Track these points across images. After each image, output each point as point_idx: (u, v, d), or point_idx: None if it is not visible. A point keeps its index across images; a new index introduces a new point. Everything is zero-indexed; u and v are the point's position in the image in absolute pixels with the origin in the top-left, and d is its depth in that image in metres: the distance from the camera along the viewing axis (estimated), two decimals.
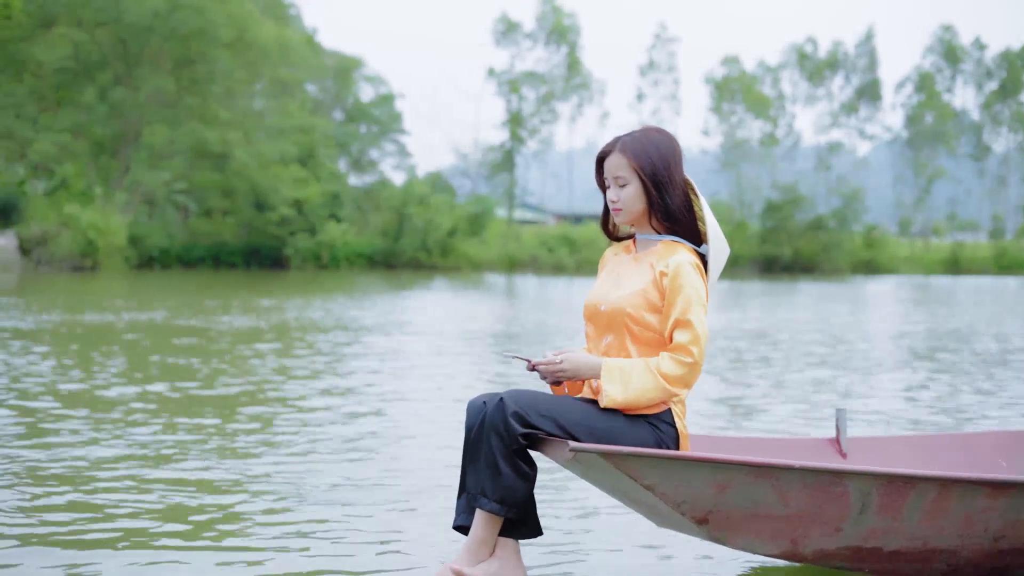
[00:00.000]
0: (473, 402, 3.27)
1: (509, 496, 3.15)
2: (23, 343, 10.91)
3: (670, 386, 3.19)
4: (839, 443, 3.98)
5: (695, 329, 3.20)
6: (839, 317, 18.22)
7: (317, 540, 3.94)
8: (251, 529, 4.07)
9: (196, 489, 4.68)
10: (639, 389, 3.18)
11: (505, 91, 60.74)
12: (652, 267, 3.32)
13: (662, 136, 3.37)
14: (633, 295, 3.29)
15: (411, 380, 8.77)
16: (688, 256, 3.29)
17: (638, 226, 3.43)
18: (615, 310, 3.31)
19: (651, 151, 3.32)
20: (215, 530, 4.04)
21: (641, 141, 3.34)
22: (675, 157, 3.35)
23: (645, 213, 3.37)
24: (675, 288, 3.24)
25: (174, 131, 41.82)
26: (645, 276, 3.32)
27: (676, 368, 3.19)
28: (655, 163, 3.31)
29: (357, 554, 3.77)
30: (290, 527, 4.11)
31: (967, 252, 59.98)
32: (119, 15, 40.49)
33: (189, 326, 13.71)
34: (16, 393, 7.39)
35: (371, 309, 18.29)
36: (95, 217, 36.43)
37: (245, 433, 6.08)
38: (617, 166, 3.35)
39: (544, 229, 57.67)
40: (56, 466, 5.07)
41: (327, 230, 44.71)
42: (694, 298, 3.22)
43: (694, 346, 3.19)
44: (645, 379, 3.19)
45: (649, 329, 3.28)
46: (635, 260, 3.40)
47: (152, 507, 4.35)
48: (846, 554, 3.26)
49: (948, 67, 68.49)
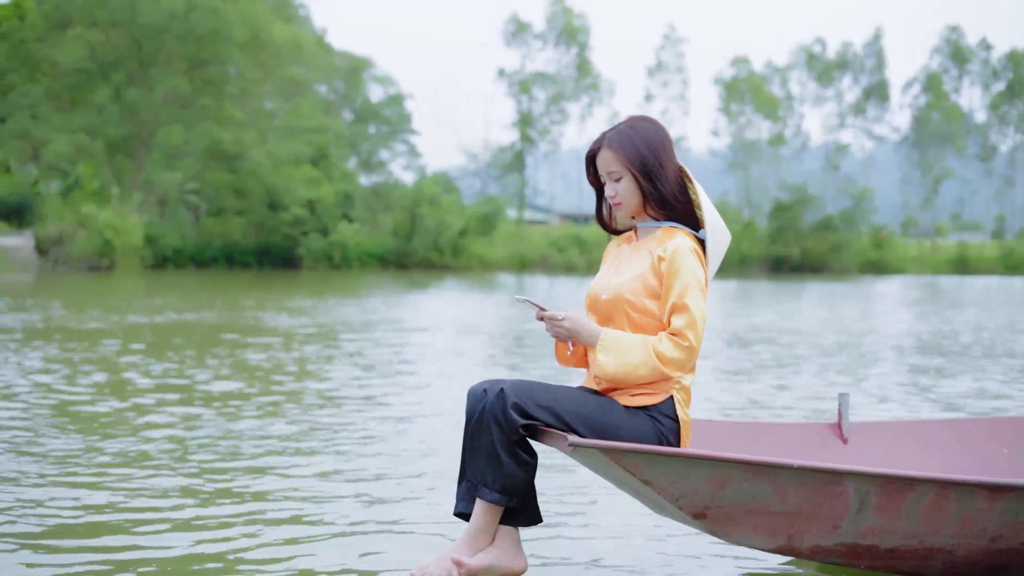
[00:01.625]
0: (474, 389, 3.27)
1: (510, 486, 3.15)
2: (118, 342, 11.04)
3: (664, 367, 3.18)
4: (840, 428, 3.96)
5: (692, 313, 3.19)
6: (851, 316, 18.41)
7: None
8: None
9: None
10: (631, 364, 3.18)
11: (515, 92, 60.94)
12: (651, 253, 3.32)
13: (649, 124, 3.37)
14: (632, 280, 3.30)
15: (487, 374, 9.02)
16: (686, 241, 3.29)
17: (638, 217, 3.43)
18: (615, 297, 3.31)
19: (638, 142, 3.32)
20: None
21: (627, 133, 3.34)
22: (663, 145, 3.34)
23: (642, 204, 3.37)
24: (672, 272, 3.23)
25: (189, 131, 42.04)
26: (644, 262, 3.32)
27: (673, 350, 3.18)
28: (643, 153, 3.31)
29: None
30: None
31: (974, 252, 60.09)
32: (135, 16, 40.69)
33: (259, 326, 13.89)
34: (180, 395, 7.48)
35: (406, 308, 18.51)
36: (112, 217, 36.68)
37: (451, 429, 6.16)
38: (608, 161, 3.35)
39: (553, 229, 57.79)
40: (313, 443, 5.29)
41: (339, 230, 44.93)
42: (691, 282, 3.22)
43: (690, 330, 3.18)
44: (639, 355, 3.18)
45: (648, 315, 3.27)
46: (635, 249, 3.41)
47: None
48: (843, 551, 3.27)
49: (955, 68, 68.60)
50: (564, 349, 3.43)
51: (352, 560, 3.65)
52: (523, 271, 48.69)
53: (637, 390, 3.23)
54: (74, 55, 40.66)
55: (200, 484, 4.72)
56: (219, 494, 4.55)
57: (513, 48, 61.75)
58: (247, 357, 10.02)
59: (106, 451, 5.39)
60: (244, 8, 41.79)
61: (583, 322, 3.27)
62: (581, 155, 23.98)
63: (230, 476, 4.90)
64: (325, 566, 3.58)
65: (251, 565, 3.60)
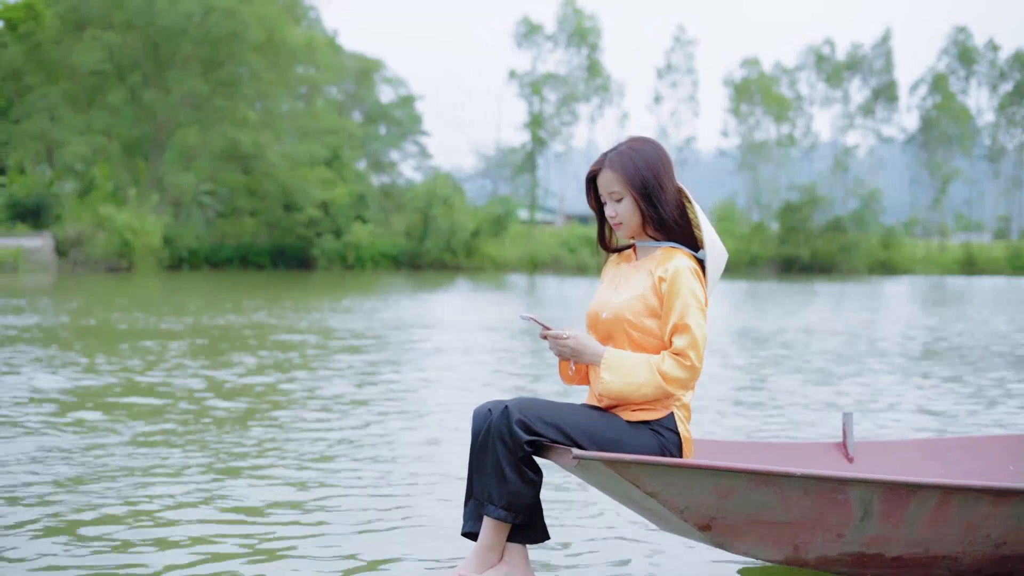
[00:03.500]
0: (479, 409, 3.30)
1: (515, 502, 3.18)
2: (176, 345, 11.16)
3: (667, 385, 3.22)
4: (846, 447, 3.96)
5: (693, 333, 3.22)
6: (862, 317, 18.58)
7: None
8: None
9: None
10: (636, 383, 3.22)
11: (527, 93, 61.17)
12: (651, 273, 3.34)
13: (648, 146, 3.39)
14: (632, 300, 3.32)
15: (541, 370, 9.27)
16: (687, 261, 3.31)
17: (638, 237, 3.46)
18: (615, 316, 3.33)
19: (639, 163, 3.34)
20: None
21: (628, 154, 3.36)
22: (663, 166, 3.37)
23: (641, 224, 3.40)
24: (673, 292, 3.26)
25: (206, 133, 42.27)
26: (644, 282, 3.34)
27: (676, 369, 3.22)
28: (643, 174, 3.33)
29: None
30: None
31: (982, 253, 60.29)
32: (152, 18, 40.93)
33: (327, 327, 14.10)
34: (272, 402, 7.50)
35: (435, 306, 18.71)
36: (131, 218, 36.94)
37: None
38: (609, 182, 3.37)
39: (562, 230, 57.93)
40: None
41: (353, 231, 45.18)
42: (692, 302, 3.24)
43: (692, 350, 3.22)
44: (643, 374, 3.22)
45: (649, 334, 3.31)
46: (635, 268, 3.43)
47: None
48: (848, 560, 3.26)
49: (962, 68, 68.76)
50: (567, 367, 3.48)
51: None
52: (535, 272, 48.90)
53: (638, 406, 3.28)
54: (92, 57, 40.90)
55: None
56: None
57: (524, 50, 62.02)
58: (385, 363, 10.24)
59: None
60: (260, 10, 42.02)
61: (586, 342, 3.32)
62: (591, 156, 24.31)
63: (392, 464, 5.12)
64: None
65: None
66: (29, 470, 4.99)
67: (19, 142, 41.72)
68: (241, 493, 4.67)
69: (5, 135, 42.30)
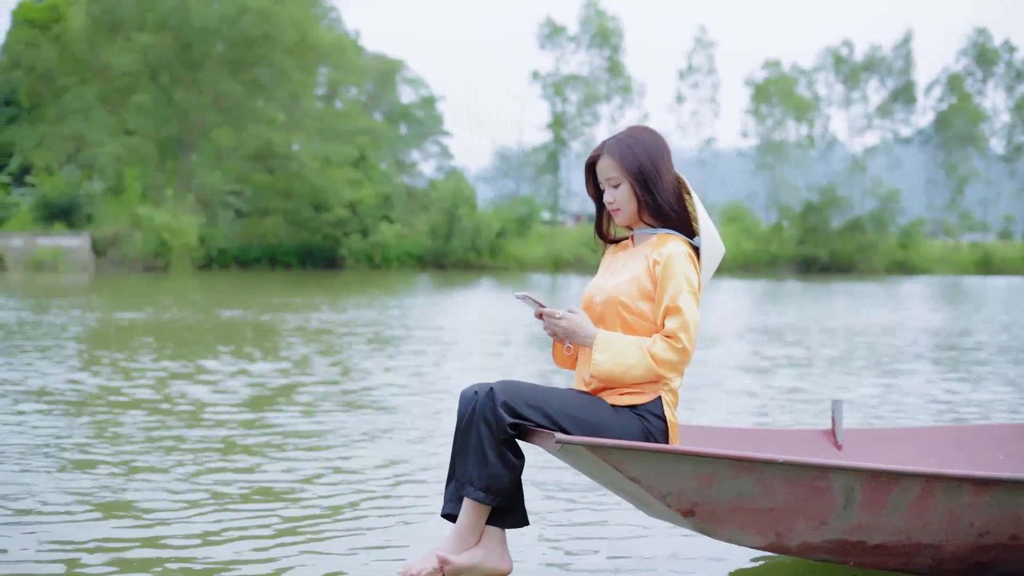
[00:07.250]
0: (465, 391, 3.30)
1: (495, 484, 3.18)
2: (264, 345, 11.34)
3: (658, 367, 3.24)
4: (834, 435, 3.96)
5: (685, 316, 3.24)
6: (883, 316, 18.79)
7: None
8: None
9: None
10: (627, 364, 3.23)
11: (549, 94, 61.51)
12: (646, 257, 3.36)
13: (647, 134, 3.42)
14: (626, 283, 3.34)
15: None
16: (681, 246, 3.33)
17: (635, 224, 3.47)
18: (609, 299, 3.35)
19: (637, 150, 3.37)
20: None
21: (626, 141, 3.39)
22: (661, 154, 3.39)
23: (638, 211, 3.42)
24: (666, 275, 3.28)
25: (240, 133, 42.68)
26: (639, 265, 3.36)
27: (667, 352, 3.24)
28: (641, 161, 3.36)
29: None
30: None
31: (998, 252, 60.62)
32: (186, 19, 41.32)
33: (395, 323, 14.39)
34: (355, 404, 7.56)
35: (476, 303, 19.06)
36: (169, 218, 37.38)
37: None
38: (607, 168, 3.40)
39: (584, 229, 58.22)
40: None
41: (380, 231, 45.58)
42: (685, 286, 3.26)
43: (683, 332, 3.23)
44: (635, 355, 3.23)
45: (642, 317, 3.32)
46: (631, 254, 3.45)
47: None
48: (831, 547, 3.26)
49: (979, 69, 68.96)
50: (562, 349, 3.49)
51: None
52: (557, 271, 49.26)
53: (626, 389, 3.29)
54: (126, 58, 41.31)
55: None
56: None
57: (547, 51, 62.37)
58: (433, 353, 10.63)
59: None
60: (293, 11, 42.42)
61: (580, 322, 3.32)
62: None
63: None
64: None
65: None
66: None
67: (52, 143, 42.13)
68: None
69: (38, 136, 42.75)
